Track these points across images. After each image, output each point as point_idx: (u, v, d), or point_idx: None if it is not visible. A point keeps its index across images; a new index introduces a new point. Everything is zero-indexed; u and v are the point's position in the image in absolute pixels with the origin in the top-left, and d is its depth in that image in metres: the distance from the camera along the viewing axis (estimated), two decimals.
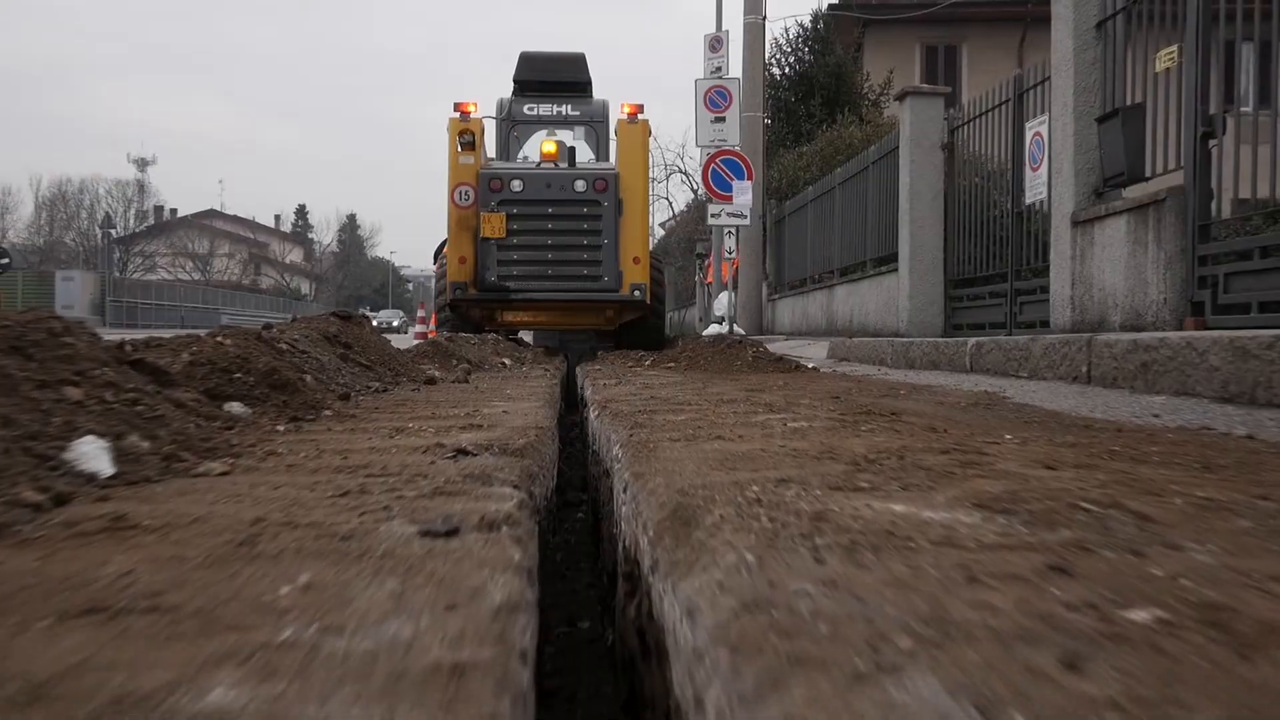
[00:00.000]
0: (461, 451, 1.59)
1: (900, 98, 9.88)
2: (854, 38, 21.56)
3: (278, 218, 77.78)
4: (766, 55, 18.14)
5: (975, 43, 21.84)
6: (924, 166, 9.42)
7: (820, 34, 21.20)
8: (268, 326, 2.96)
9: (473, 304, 8.94)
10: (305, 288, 73.65)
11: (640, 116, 8.90)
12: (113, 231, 53.65)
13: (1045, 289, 6.98)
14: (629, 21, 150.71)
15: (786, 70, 21.33)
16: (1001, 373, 4.82)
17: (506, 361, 5.75)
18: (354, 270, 79.37)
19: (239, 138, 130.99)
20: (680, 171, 31.26)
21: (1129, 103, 5.89)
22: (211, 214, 69.44)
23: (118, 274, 50.70)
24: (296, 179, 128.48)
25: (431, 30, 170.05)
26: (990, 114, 8.34)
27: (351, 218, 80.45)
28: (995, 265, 8.19)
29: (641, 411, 2.46)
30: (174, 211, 69.12)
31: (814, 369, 5.71)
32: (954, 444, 1.76)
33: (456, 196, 8.75)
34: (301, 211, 79.43)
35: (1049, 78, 6.89)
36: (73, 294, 38.71)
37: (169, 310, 43.85)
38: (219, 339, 2.28)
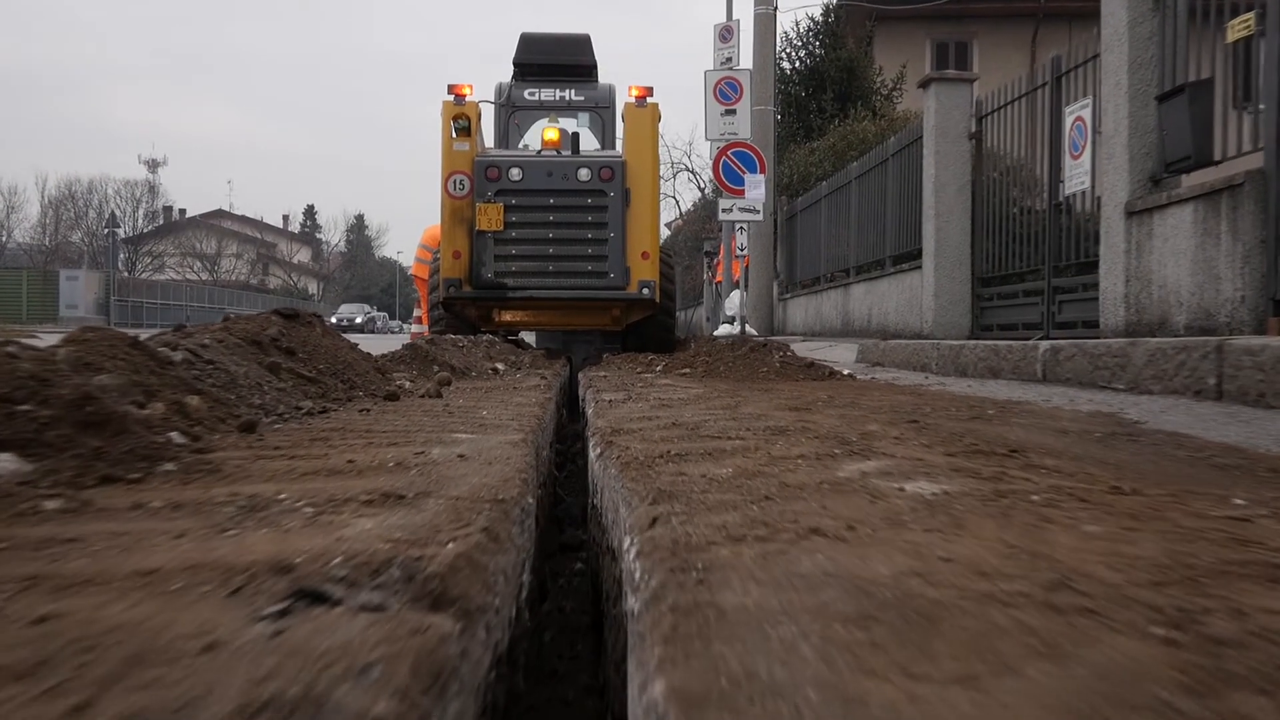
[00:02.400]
0: (307, 595, 0.78)
1: (924, 84, 9.29)
2: (865, 32, 21.08)
3: (286, 218, 77.75)
4: (776, 49, 17.60)
5: (986, 39, 21.45)
6: (950, 157, 8.84)
7: (831, 27, 20.70)
8: (179, 328, 2.37)
9: (468, 303, 8.34)
10: (313, 288, 73.39)
11: (649, 100, 8.26)
12: (118, 231, 53.34)
13: (1089, 286, 6.38)
14: (632, 22, 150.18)
15: (796, 65, 20.84)
16: (1088, 383, 4.11)
17: (499, 366, 5.19)
18: (361, 270, 79.02)
19: (248, 139, 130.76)
20: (688, 169, 30.79)
21: (1193, 78, 5.30)
22: (220, 214, 69.21)
23: (125, 273, 50.43)
24: (305, 180, 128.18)
25: (433, 32, 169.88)
26: (1024, 99, 7.75)
27: (359, 218, 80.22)
28: (1030, 261, 7.60)
29: (664, 456, 1.69)
30: (183, 212, 68.90)
31: (849, 376, 5.12)
32: (1229, 539, 1.07)
33: (451, 186, 8.14)
34: (310, 212, 79.39)
35: (1096, 56, 6.30)
36: (77, 293, 38.35)
37: (175, 309, 43.54)
38: (11, 349, 1.41)
